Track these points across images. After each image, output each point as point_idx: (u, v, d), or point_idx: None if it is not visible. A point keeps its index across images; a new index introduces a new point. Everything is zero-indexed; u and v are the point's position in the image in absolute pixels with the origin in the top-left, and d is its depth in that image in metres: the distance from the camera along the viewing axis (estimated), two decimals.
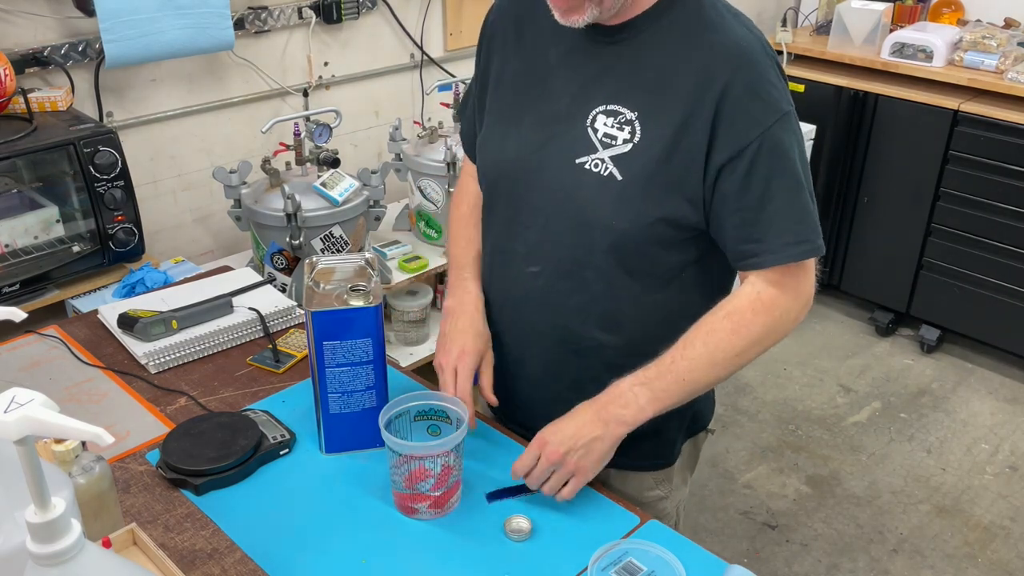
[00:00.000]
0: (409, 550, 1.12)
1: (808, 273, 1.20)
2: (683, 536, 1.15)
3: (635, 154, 1.15)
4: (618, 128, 1.16)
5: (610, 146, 1.16)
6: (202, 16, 2.14)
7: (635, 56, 1.16)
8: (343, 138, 2.65)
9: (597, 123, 1.17)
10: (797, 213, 1.14)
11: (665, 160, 1.13)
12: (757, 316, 1.17)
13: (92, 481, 1.04)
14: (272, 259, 2.12)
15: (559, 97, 1.21)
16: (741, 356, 1.18)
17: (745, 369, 3.21)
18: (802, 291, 1.19)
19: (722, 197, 1.14)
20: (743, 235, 1.16)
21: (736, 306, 1.18)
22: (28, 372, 1.45)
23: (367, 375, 1.22)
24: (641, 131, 1.14)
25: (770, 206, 1.13)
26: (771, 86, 1.12)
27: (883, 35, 3.27)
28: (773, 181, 1.13)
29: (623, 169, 1.15)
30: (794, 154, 1.14)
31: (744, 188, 1.13)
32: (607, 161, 1.16)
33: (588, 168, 1.17)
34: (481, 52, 1.34)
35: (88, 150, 1.85)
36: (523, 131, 1.24)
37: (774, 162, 1.12)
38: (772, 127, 1.11)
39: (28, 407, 0.73)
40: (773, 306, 1.17)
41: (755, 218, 1.14)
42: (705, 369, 1.17)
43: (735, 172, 1.12)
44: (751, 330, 1.17)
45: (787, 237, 1.14)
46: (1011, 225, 3.04)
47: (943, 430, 2.99)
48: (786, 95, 1.14)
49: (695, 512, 2.60)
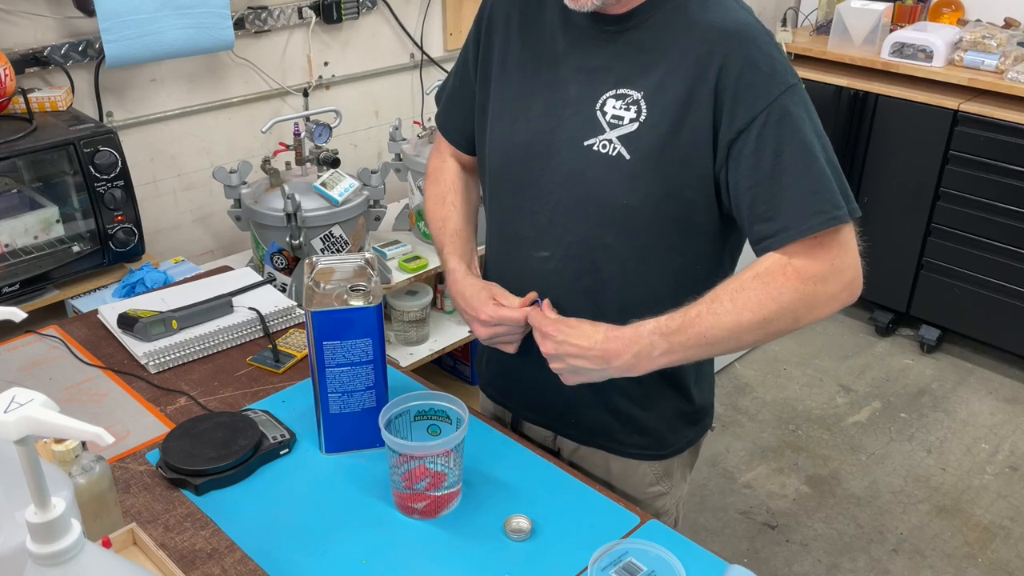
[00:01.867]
0: (409, 550, 1.11)
1: (843, 246, 1.12)
2: (683, 536, 1.15)
3: (641, 132, 1.15)
4: (624, 109, 1.16)
5: (617, 126, 1.17)
6: (202, 16, 2.14)
7: (641, 43, 1.17)
8: (343, 138, 2.65)
9: (607, 107, 1.18)
10: (811, 184, 1.09)
11: (672, 137, 1.14)
12: (788, 280, 1.10)
13: (92, 481, 1.04)
14: (272, 259, 2.12)
15: (568, 84, 1.22)
16: (768, 324, 1.11)
17: (745, 369, 3.26)
18: (837, 264, 1.11)
19: (735, 175, 1.13)
20: (758, 213, 1.12)
21: (767, 268, 1.12)
22: (28, 372, 1.45)
23: (367, 375, 1.22)
24: (647, 110, 1.15)
25: (784, 179, 1.10)
26: (774, 60, 1.12)
27: (883, 35, 3.27)
28: (784, 153, 1.10)
29: (631, 148, 1.16)
30: (804, 124, 1.10)
31: (756, 163, 1.11)
32: (615, 141, 1.17)
33: (596, 149, 1.18)
34: (480, 37, 1.34)
35: (88, 150, 1.85)
36: (532, 117, 1.25)
37: (783, 133, 1.10)
38: (778, 98, 1.10)
39: (28, 407, 0.73)
40: (805, 274, 1.10)
41: (769, 194, 1.11)
42: (729, 329, 1.11)
43: (745, 146, 1.11)
44: (782, 294, 1.10)
45: (803, 210, 1.09)
46: (1011, 225, 3.04)
47: (943, 430, 2.99)
48: (790, 70, 1.13)
49: (695, 512, 2.60)
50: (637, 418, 1.33)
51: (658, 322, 1.14)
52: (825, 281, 1.11)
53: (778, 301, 1.10)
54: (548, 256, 1.26)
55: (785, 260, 1.11)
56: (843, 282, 1.13)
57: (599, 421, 1.34)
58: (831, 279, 1.11)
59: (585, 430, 1.36)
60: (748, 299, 1.11)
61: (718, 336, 1.12)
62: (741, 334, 1.12)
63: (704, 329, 1.12)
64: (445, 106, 1.44)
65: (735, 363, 3.32)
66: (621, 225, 1.19)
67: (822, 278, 1.11)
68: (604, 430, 1.35)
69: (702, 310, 1.13)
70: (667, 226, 1.19)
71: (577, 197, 1.21)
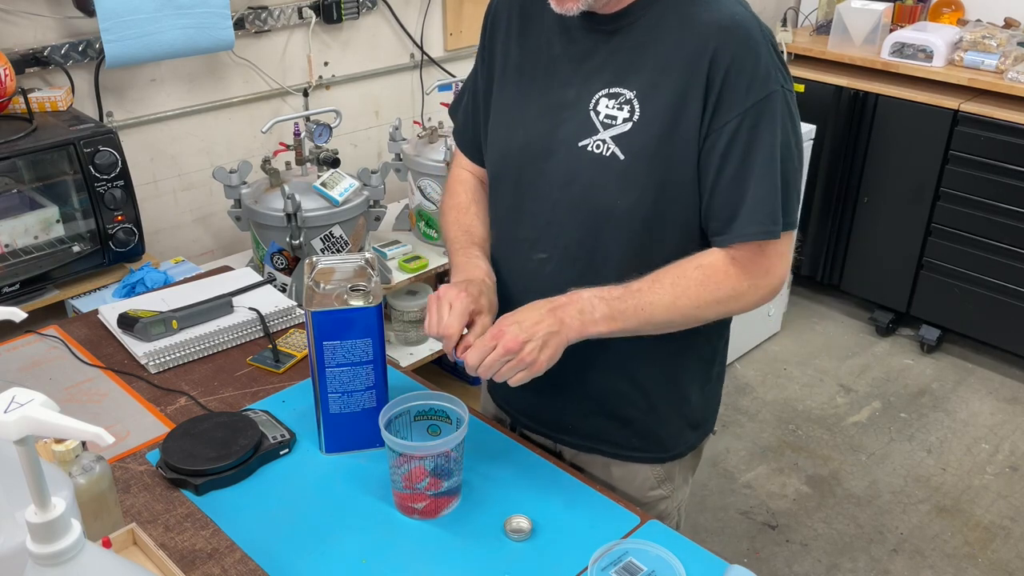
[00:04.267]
0: (409, 550, 1.11)
1: (781, 256, 1.20)
2: (683, 536, 1.15)
3: (635, 132, 1.16)
4: (618, 108, 1.17)
5: (611, 126, 1.17)
6: (202, 16, 2.14)
7: (635, 41, 1.17)
8: (343, 138, 2.65)
9: (600, 106, 1.18)
10: (766, 194, 1.14)
11: (666, 137, 1.14)
12: (728, 278, 1.17)
13: (92, 481, 1.04)
14: (272, 259, 2.12)
15: (564, 86, 1.22)
16: (700, 310, 1.18)
17: (745, 369, 3.26)
18: (772, 270, 1.19)
19: (705, 167, 1.16)
20: (715, 209, 1.17)
21: (711, 262, 1.18)
22: (28, 372, 1.45)
23: (367, 375, 1.22)
24: (640, 109, 1.16)
25: (744, 184, 1.14)
26: (760, 61, 1.12)
27: (883, 35, 3.27)
28: (749, 158, 1.13)
29: (624, 148, 1.16)
30: (773, 134, 1.14)
31: (723, 162, 1.14)
32: (608, 141, 1.17)
33: (591, 150, 1.18)
34: (484, 45, 1.34)
35: (88, 150, 1.85)
36: (529, 120, 1.25)
37: (753, 140, 1.13)
38: (754, 107, 1.12)
39: (28, 407, 0.73)
40: (743, 273, 1.17)
41: (728, 193, 1.15)
42: (665, 308, 1.16)
43: (717, 143, 1.14)
44: (718, 288, 1.17)
45: (753, 217, 1.15)
46: (1011, 225, 3.04)
47: (943, 430, 2.99)
48: (777, 73, 1.14)
49: (695, 512, 2.60)
50: (637, 422, 1.33)
51: (599, 289, 1.17)
52: (757, 286, 1.19)
53: (714, 294, 1.17)
54: (546, 258, 1.26)
55: (728, 258, 1.17)
56: (772, 286, 1.21)
57: (599, 427, 1.34)
58: (762, 283, 1.19)
59: (585, 436, 1.36)
60: (687, 287, 1.17)
61: (654, 313, 1.16)
62: (674, 316, 1.18)
63: (643, 303, 1.16)
64: (460, 120, 1.45)
65: (735, 363, 3.32)
66: (617, 226, 1.19)
67: (756, 280, 1.18)
68: (604, 435, 1.35)
69: (643, 287, 1.17)
70: (663, 226, 1.19)
71: (573, 199, 1.21)
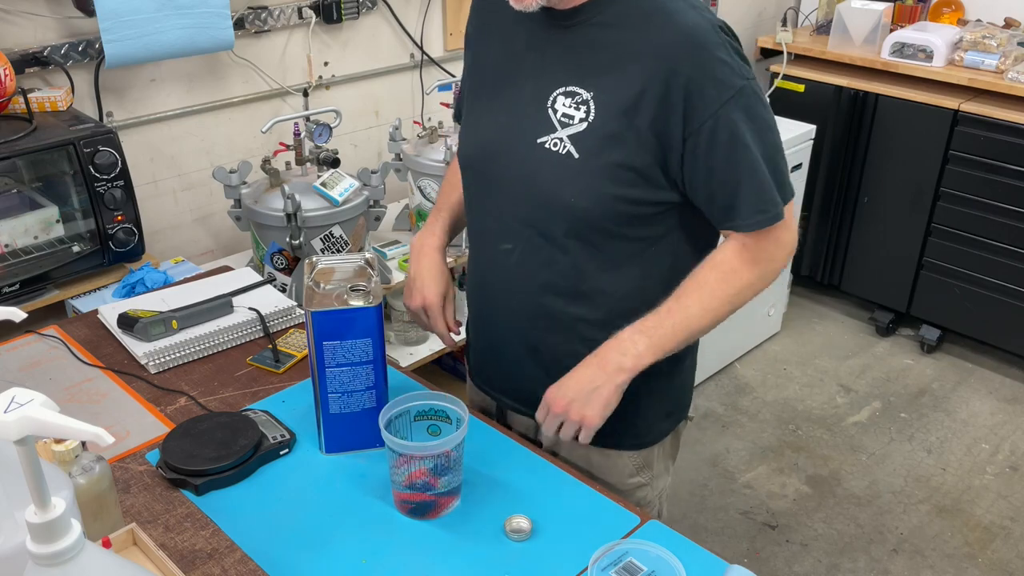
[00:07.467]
0: (409, 550, 1.12)
1: (786, 227, 1.24)
2: (683, 536, 1.15)
3: (589, 133, 1.18)
4: (575, 108, 1.19)
5: (568, 125, 1.20)
6: (202, 16, 2.14)
7: (591, 38, 1.19)
8: (343, 138, 2.65)
9: (557, 104, 1.21)
10: (756, 186, 1.18)
11: (618, 139, 1.17)
12: (744, 265, 1.22)
13: (92, 481, 1.04)
14: (272, 259, 2.12)
15: (525, 82, 1.25)
16: (735, 299, 1.24)
17: (745, 369, 3.26)
18: (785, 241, 1.25)
19: (691, 173, 1.19)
20: (716, 207, 1.21)
21: (723, 257, 1.23)
22: (28, 372, 1.45)
23: (367, 375, 1.22)
24: (595, 110, 1.18)
25: (733, 179, 1.18)
26: (721, 64, 1.14)
27: (883, 35, 3.27)
28: (731, 159, 1.16)
29: (579, 147, 1.19)
30: (747, 131, 1.16)
31: (708, 164, 1.17)
32: (565, 140, 1.20)
33: (548, 147, 1.21)
34: (467, 50, 1.39)
35: (88, 150, 1.85)
36: (493, 116, 1.29)
37: (730, 140, 1.16)
38: (724, 106, 1.14)
39: (28, 407, 0.73)
40: (759, 256, 1.23)
41: (722, 191, 1.19)
42: (699, 317, 1.22)
43: (697, 147, 1.16)
44: (740, 276, 1.23)
45: (750, 207, 1.19)
46: (1011, 225, 3.04)
47: (943, 430, 2.99)
48: (739, 70, 1.16)
49: (695, 512, 2.60)
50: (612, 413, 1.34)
51: (633, 326, 1.22)
52: (774, 259, 1.25)
53: (737, 284, 1.23)
54: (511, 249, 1.30)
55: (740, 247, 1.23)
56: (785, 253, 1.27)
57: None
58: (778, 255, 1.25)
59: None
60: (713, 290, 1.23)
61: (690, 325, 1.22)
62: (709, 320, 1.24)
63: (678, 321, 1.22)
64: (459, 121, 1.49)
65: (735, 363, 3.32)
66: (572, 223, 1.22)
67: (772, 256, 1.24)
68: None
69: (673, 306, 1.22)
70: (619, 224, 1.22)
71: (530, 194, 1.24)
